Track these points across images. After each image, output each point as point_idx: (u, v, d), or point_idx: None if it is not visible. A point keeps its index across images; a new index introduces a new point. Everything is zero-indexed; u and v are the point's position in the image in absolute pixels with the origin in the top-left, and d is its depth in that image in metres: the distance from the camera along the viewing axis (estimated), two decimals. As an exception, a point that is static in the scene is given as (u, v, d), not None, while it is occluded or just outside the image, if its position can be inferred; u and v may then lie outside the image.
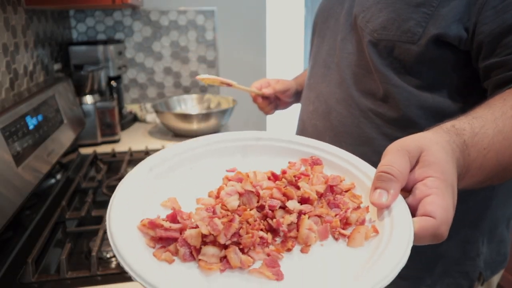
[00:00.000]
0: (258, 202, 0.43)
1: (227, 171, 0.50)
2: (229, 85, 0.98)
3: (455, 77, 0.66)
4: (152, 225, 0.38)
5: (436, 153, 0.42)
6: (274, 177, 0.47)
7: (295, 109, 1.11)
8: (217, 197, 0.45)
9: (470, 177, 0.48)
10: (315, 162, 0.51)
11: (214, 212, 0.40)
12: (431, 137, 0.44)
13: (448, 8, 0.61)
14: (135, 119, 1.94)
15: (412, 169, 0.42)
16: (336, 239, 0.41)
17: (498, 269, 0.80)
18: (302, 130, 0.88)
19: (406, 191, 0.42)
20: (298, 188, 0.45)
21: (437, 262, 0.75)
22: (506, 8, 0.57)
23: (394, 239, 0.37)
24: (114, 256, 0.85)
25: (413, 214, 0.40)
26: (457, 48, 0.63)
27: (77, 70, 1.56)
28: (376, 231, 0.40)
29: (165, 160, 0.50)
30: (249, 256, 0.37)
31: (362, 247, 0.39)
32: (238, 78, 2.17)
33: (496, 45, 0.59)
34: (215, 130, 1.69)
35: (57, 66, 1.64)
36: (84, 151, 1.49)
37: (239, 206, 0.42)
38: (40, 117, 1.10)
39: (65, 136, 1.25)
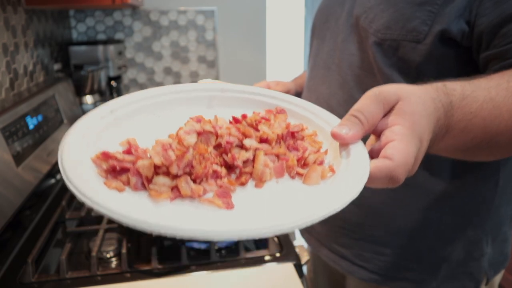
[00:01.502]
0: (216, 140, 0.42)
1: (190, 118, 0.48)
2: None
3: (457, 76, 0.66)
4: (106, 156, 0.37)
5: (413, 104, 0.42)
6: (235, 121, 0.47)
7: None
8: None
9: (451, 138, 0.48)
10: (279, 112, 0.50)
11: (170, 147, 0.39)
12: (415, 90, 0.44)
13: (453, 5, 0.61)
14: (135, 119, 1.93)
15: (386, 114, 0.42)
16: (292, 177, 0.41)
17: (500, 268, 0.80)
18: None
19: (376, 135, 0.42)
20: (257, 130, 0.44)
21: (442, 264, 0.75)
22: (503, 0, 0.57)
23: (348, 176, 0.37)
24: (114, 256, 0.85)
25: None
26: (459, 44, 0.63)
27: (77, 70, 1.56)
28: (333, 171, 0.40)
29: (129, 103, 0.49)
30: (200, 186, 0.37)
31: (317, 186, 0.39)
32: (238, 78, 2.18)
33: (494, 36, 0.59)
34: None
35: (57, 66, 1.64)
36: (84, 151, 1.49)
37: (196, 143, 0.41)
38: (40, 117, 1.10)
39: (65, 136, 1.25)
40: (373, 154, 0.41)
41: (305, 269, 0.84)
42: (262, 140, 0.43)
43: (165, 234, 0.30)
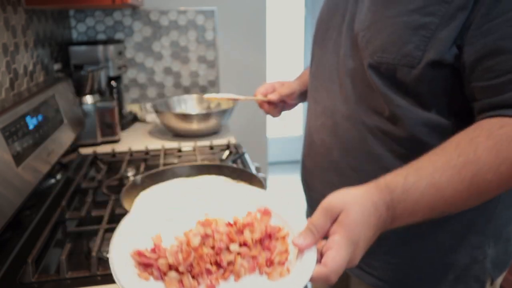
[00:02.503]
0: (213, 242, 0.59)
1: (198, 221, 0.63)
2: (236, 99, 1.07)
3: (457, 95, 0.65)
4: (139, 254, 0.56)
5: (352, 215, 0.52)
6: (230, 225, 0.62)
7: (295, 108, 1.11)
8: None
9: (401, 222, 0.56)
10: (265, 213, 0.64)
11: (180, 249, 0.56)
12: (358, 198, 0.53)
13: (447, 31, 0.60)
14: (135, 119, 1.93)
15: (333, 222, 0.53)
16: (261, 273, 0.56)
17: (505, 268, 0.80)
18: (310, 144, 0.86)
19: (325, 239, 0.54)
20: (242, 233, 0.60)
21: (447, 270, 0.75)
22: (489, 31, 0.57)
23: (296, 278, 0.53)
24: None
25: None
26: (452, 66, 0.63)
27: (77, 70, 1.56)
28: (288, 271, 0.55)
29: (183, 208, 0.66)
30: (196, 280, 0.54)
31: (277, 281, 0.55)
32: (238, 78, 2.18)
33: (477, 67, 0.59)
34: (215, 130, 1.69)
35: (57, 66, 1.64)
36: (84, 151, 1.49)
37: (199, 245, 0.58)
38: (40, 117, 1.10)
39: (65, 136, 1.25)
40: (320, 256, 0.53)
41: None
42: (244, 244, 0.58)
43: None
